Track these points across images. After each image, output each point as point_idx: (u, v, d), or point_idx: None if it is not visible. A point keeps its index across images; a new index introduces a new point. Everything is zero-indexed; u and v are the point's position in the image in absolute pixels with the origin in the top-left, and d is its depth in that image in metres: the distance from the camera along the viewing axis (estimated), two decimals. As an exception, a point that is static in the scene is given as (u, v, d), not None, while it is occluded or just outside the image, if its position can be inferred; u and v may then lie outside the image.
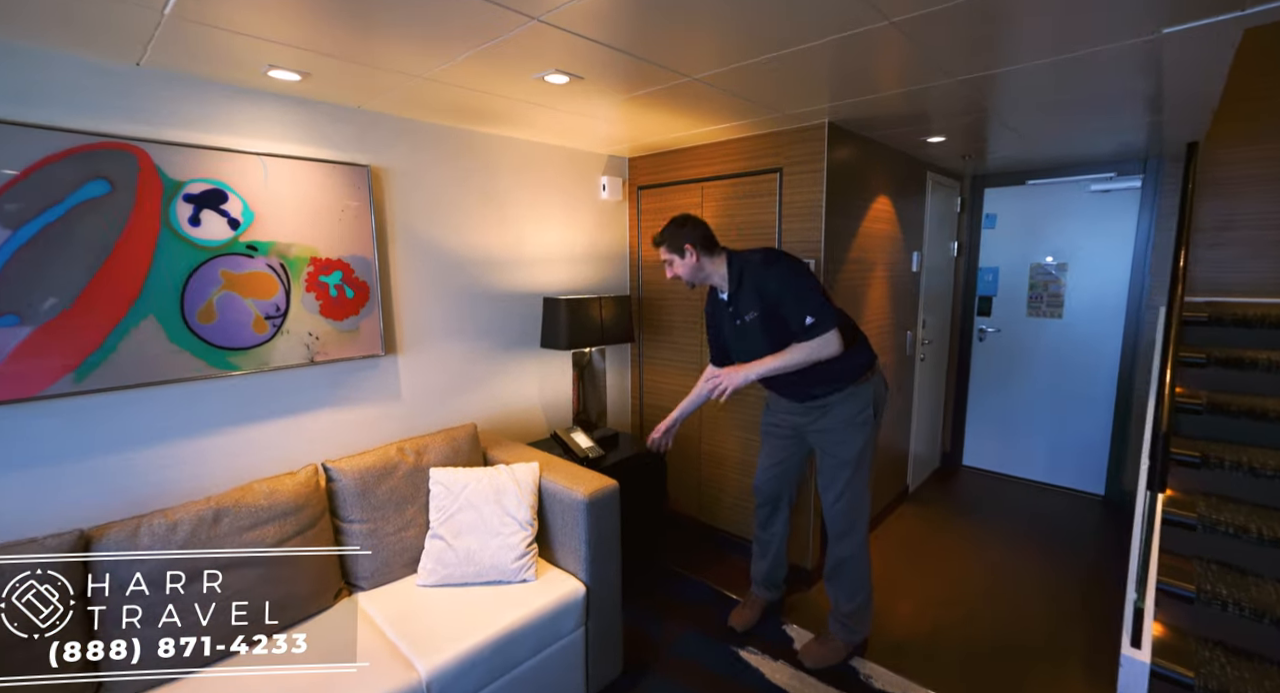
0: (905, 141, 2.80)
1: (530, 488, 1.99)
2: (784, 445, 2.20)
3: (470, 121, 2.30)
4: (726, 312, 2.03)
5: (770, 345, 1.90)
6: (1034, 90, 1.97)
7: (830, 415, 2.01)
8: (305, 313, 1.96)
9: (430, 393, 2.38)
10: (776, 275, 1.87)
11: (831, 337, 1.80)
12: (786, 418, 2.14)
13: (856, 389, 1.98)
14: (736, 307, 1.98)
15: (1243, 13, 1.29)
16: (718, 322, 2.12)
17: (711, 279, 2.01)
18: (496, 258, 2.56)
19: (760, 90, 1.94)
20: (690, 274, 1.97)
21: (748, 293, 1.93)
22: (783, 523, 2.31)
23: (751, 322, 1.94)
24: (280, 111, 1.87)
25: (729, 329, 2.05)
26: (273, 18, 1.32)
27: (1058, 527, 3.21)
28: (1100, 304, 3.42)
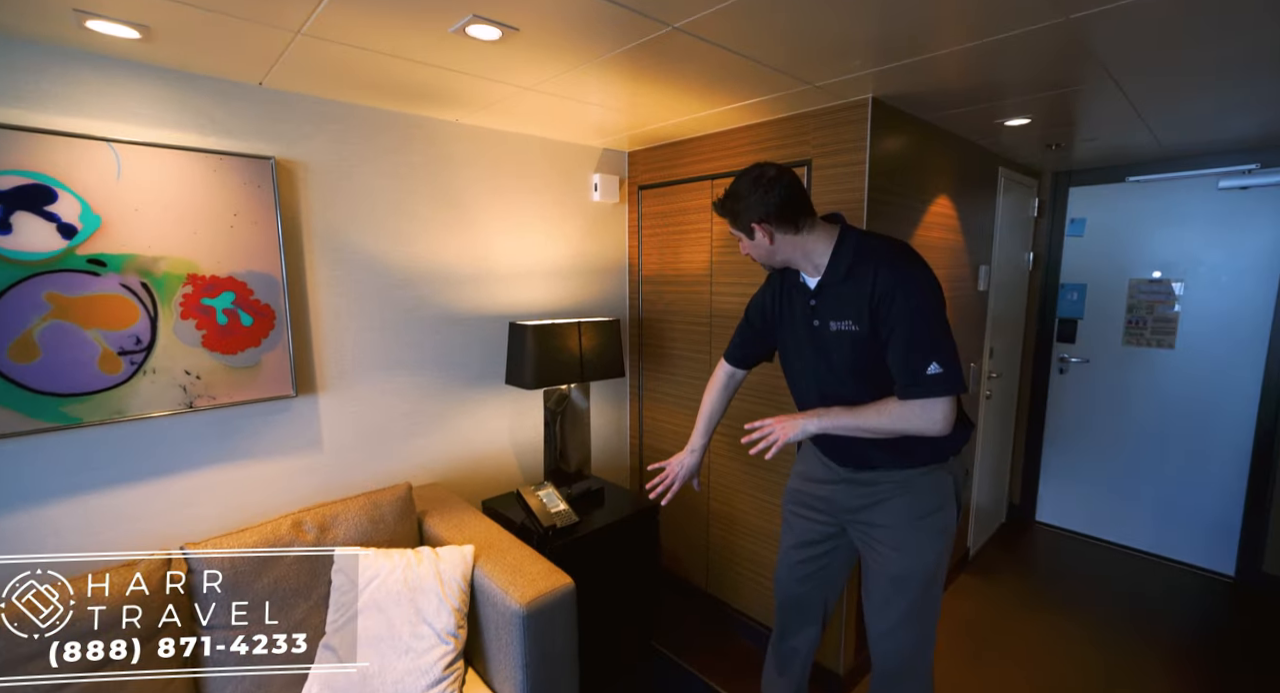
0: (974, 126, 2.20)
1: (458, 584, 1.50)
2: (817, 529, 1.51)
3: (415, 104, 1.84)
4: (801, 306, 1.37)
5: (857, 382, 1.29)
6: (1160, 41, 1.36)
7: (887, 506, 1.36)
8: (180, 346, 1.53)
9: (364, 440, 1.92)
10: (910, 289, 1.20)
11: (947, 408, 1.18)
12: (822, 489, 1.47)
13: (933, 474, 1.33)
14: (823, 304, 1.31)
15: None
16: (774, 314, 1.46)
17: (795, 261, 1.34)
18: (456, 273, 2.09)
19: (772, 48, 1.41)
20: (765, 258, 1.35)
21: (852, 292, 1.26)
22: (812, 638, 1.61)
23: (842, 335, 1.28)
24: (139, 84, 1.44)
25: (796, 332, 1.39)
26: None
27: (1171, 616, 2.50)
28: (1229, 333, 2.69)
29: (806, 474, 1.54)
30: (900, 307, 1.19)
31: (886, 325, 1.21)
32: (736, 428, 2.28)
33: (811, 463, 1.52)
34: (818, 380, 1.37)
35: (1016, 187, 2.94)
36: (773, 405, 2.14)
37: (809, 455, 1.54)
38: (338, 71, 1.52)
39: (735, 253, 2.22)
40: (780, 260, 1.35)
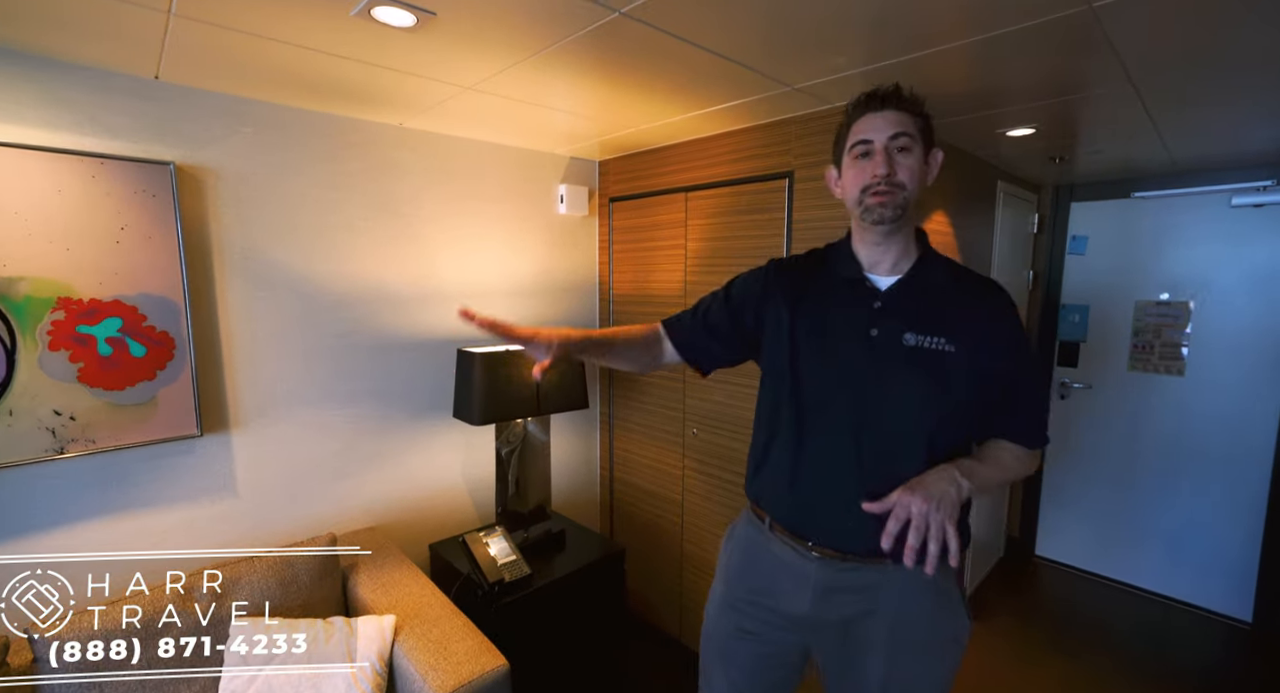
0: (973, 136, 2.01)
1: (372, 666, 1.27)
2: (781, 653, 1.09)
3: (350, 106, 1.63)
4: (852, 308, 1.00)
5: (925, 420, 0.94)
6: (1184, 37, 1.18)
7: (892, 605, 0.98)
8: (47, 381, 1.30)
9: (288, 482, 1.69)
10: (1014, 325, 0.98)
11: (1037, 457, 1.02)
12: (791, 594, 1.02)
13: (949, 572, 1.00)
14: (895, 310, 0.98)
15: None
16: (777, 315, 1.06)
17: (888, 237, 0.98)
18: (399, 293, 1.88)
19: (739, 39, 1.21)
20: (916, 193, 0.96)
21: (950, 305, 0.98)
22: None
23: (926, 354, 0.95)
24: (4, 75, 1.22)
25: (830, 343, 1.00)
26: None
27: (1183, 664, 2.29)
28: (1244, 359, 2.51)
29: (757, 563, 1.08)
30: (1022, 342, 0.98)
31: (1006, 358, 0.95)
32: (714, 459, 2.07)
33: (764, 547, 1.07)
34: (861, 410, 0.96)
35: (1016, 201, 2.75)
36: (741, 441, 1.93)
37: (758, 540, 1.09)
38: (239, 63, 1.31)
39: (712, 272, 2.02)
40: (911, 210, 0.97)
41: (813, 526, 1.01)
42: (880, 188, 0.93)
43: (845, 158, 0.99)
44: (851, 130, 0.98)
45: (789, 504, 1.03)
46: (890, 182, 0.93)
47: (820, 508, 1.00)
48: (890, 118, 0.94)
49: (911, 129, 0.94)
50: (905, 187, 0.93)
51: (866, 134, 0.95)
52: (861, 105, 0.97)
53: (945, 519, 0.86)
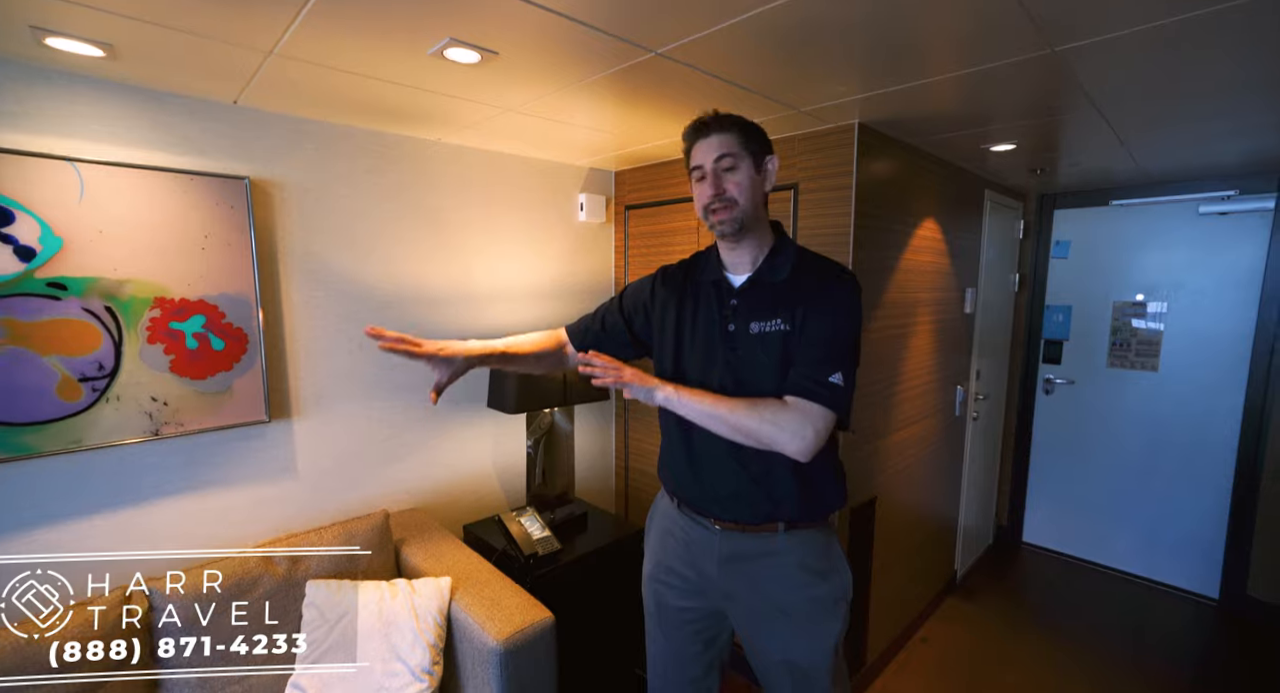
0: (960, 150, 2.20)
1: (434, 619, 1.44)
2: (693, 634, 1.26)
3: (399, 124, 1.81)
4: (714, 307, 1.16)
5: (774, 389, 1.09)
6: (1143, 73, 1.37)
7: (787, 568, 1.13)
8: (147, 371, 1.47)
9: (341, 466, 1.87)
10: (849, 306, 1.10)
11: (822, 425, 1.04)
12: (703, 560, 1.19)
13: (830, 535, 1.18)
14: (746, 304, 1.13)
15: None
16: (660, 317, 1.23)
17: (739, 239, 1.12)
18: (437, 294, 2.05)
19: (756, 73, 1.40)
20: (751, 203, 1.09)
21: (788, 293, 1.11)
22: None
23: (768, 337, 1.10)
24: (106, 103, 1.40)
25: (697, 337, 1.17)
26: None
27: (1157, 639, 2.48)
28: (1211, 356, 2.71)
29: (675, 533, 1.24)
30: (831, 314, 1.08)
31: (810, 326, 1.08)
32: (723, 452, 2.25)
33: (682, 517, 1.22)
34: (719, 379, 1.13)
35: (1002, 209, 2.95)
36: (759, 430, 2.11)
37: (677, 505, 1.24)
38: (315, 91, 1.49)
39: (722, 275, 2.20)
40: (748, 220, 1.09)
41: (712, 502, 1.16)
42: (715, 206, 1.08)
43: (692, 179, 1.13)
44: (689, 158, 1.13)
45: (689, 486, 1.19)
46: (722, 199, 1.07)
47: (714, 486, 1.15)
48: (714, 142, 1.08)
49: (735, 148, 1.07)
50: (737, 201, 1.07)
51: (698, 160, 1.11)
52: (691, 134, 1.12)
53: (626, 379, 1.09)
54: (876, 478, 2.12)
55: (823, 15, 1.08)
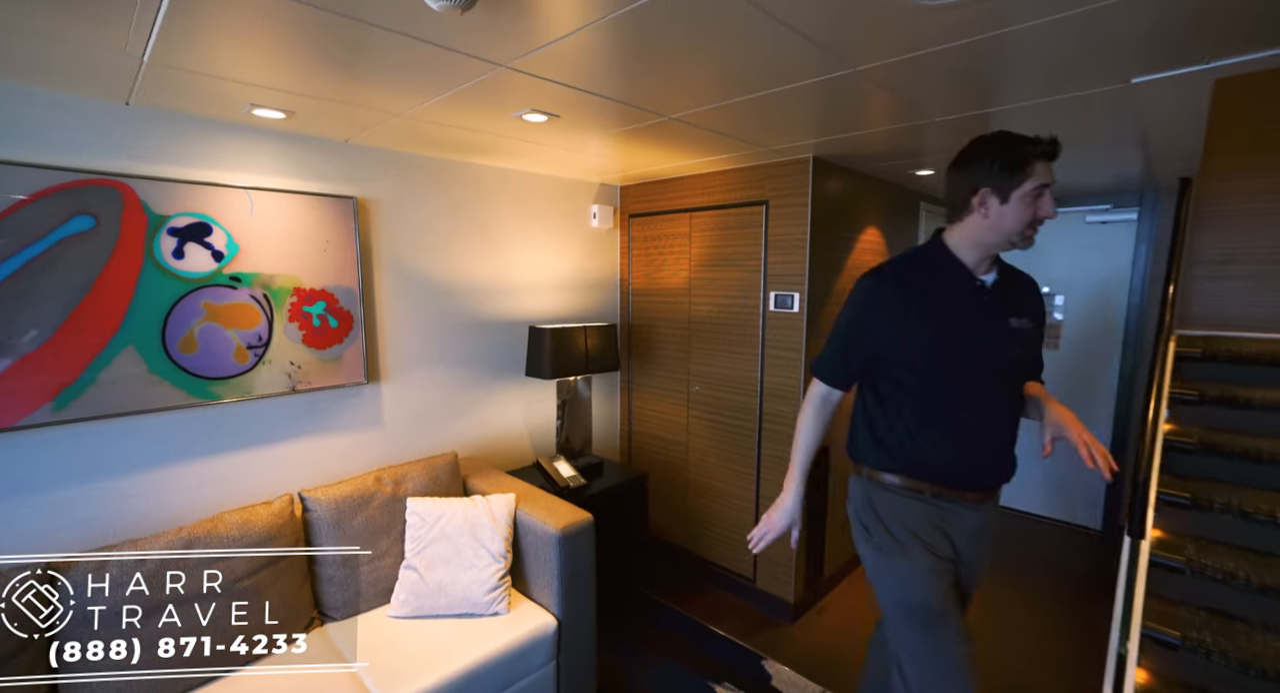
0: (895, 173, 2.81)
1: (505, 520, 1.99)
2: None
3: (460, 154, 2.34)
4: (974, 303, 1.27)
5: (1021, 378, 1.37)
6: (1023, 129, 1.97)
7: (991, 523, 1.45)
8: (288, 342, 1.99)
9: (413, 421, 2.39)
10: (1043, 302, 1.40)
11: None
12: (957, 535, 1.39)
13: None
14: (1001, 301, 1.29)
15: (1207, 65, 1.29)
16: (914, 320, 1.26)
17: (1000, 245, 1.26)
18: (485, 286, 2.58)
19: (742, 128, 1.96)
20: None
21: (1019, 293, 1.34)
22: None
23: (1022, 332, 1.30)
24: (266, 146, 1.91)
25: (961, 332, 1.26)
26: (252, 65, 1.36)
27: (1052, 564, 3.14)
28: (1098, 336, 3.38)
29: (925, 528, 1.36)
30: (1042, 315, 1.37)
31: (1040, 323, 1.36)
32: (714, 408, 2.83)
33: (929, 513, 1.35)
34: (993, 380, 1.27)
35: (937, 217, 3.58)
36: (736, 393, 2.69)
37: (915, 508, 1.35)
38: (414, 135, 2.02)
39: (710, 270, 2.77)
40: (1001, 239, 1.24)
41: (949, 478, 1.31)
42: (1039, 222, 1.22)
43: (1017, 193, 1.17)
44: (1029, 172, 1.16)
45: (941, 469, 1.30)
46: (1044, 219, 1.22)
47: (977, 468, 1.32)
48: (1051, 167, 1.18)
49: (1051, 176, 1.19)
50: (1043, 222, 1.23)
51: (1045, 179, 1.17)
52: (1044, 151, 1.17)
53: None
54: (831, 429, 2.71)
55: (792, 96, 1.65)
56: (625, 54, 1.32)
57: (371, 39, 1.21)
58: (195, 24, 1.14)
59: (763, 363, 2.58)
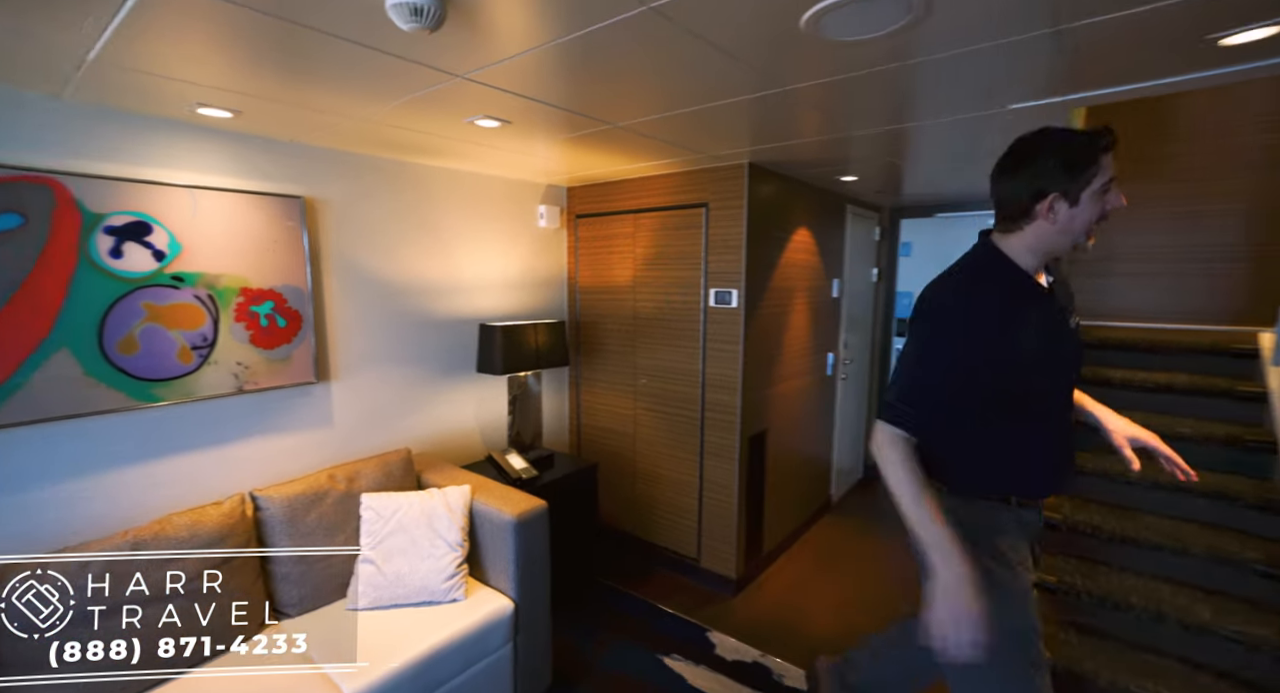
0: (823, 179, 3.04)
1: (461, 510, 2.06)
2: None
3: (411, 155, 2.37)
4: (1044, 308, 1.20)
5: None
6: (925, 143, 2.22)
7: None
8: (234, 343, 1.97)
9: (365, 419, 2.41)
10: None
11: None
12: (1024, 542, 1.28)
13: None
14: (1061, 303, 1.24)
15: (1063, 97, 1.54)
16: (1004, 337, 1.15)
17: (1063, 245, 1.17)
18: (435, 285, 2.62)
19: (684, 136, 2.10)
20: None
21: (1064, 290, 1.29)
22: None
23: (1078, 331, 1.28)
24: (211, 145, 1.89)
25: (1038, 341, 1.17)
26: (201, 66, 1.38)
27: (964, 532, 3.49)
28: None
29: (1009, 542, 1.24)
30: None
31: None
32: (659, 400, 2.97)
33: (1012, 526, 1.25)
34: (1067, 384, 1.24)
35: (862, 219, 3.87)
36: (681, 384, 2.85)
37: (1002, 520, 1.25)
38: (365, 136, 2.04)
39: (654, 269, 2.91)
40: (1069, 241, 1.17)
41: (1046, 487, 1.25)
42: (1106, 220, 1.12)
43: (1087, 193, 1.10)
44: (1096, 168, 1.08)
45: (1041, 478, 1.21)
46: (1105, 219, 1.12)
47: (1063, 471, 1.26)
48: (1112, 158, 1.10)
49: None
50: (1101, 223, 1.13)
51: (1111, 171, 1.08)
52: (1108, 143, 1.09)
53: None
54: (767, 416, 2.93)
55: (730, 109, 1.80)
56: (577, 70, 1.42)
57: (330, 47, 1.27)
58: (148, 25, 1.16)
59: (704, 356, 2.75)
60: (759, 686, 2.15)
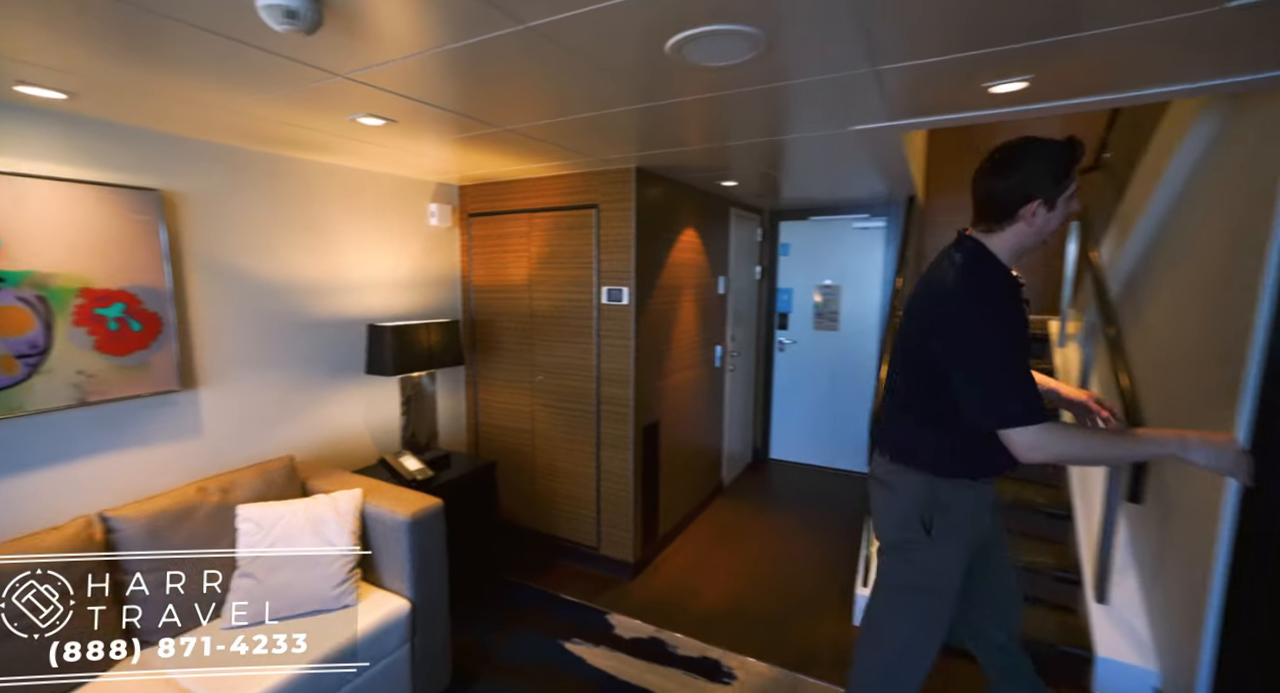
0: (707, 183, 3.25)
1: (352, 514, 2.01)
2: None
3: (290, 149, 2.24)
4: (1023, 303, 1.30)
5: None
6: (792, 154, 2.47)
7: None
8: (74, 349, 1.79)
9: (241, 427, 2.26)
10: None
11: None
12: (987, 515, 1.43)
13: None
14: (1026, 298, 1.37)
15: (892, 123, 1.81)
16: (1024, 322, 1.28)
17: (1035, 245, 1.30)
18: (319, 285, 2.50)
19: (574, 141, 2.18)
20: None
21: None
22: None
23: None
24: (41, 129, 1.70)
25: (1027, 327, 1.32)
26: (17, 39, 1.25)
27: (831, 502, 3.90)
28: (863, 319, 4.23)
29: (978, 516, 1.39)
30: None
31: None
32: (556, 396, 3.04)
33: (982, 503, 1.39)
34: None
35: (745, 220, 4.17)
36: (580, 380, 2.94)
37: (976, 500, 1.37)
38: (235, 128, 1.92)
39: (549, 267, 2.97)
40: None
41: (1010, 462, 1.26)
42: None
43: (1062, 198, 1.22)
44: (1073, 176, 1.21)
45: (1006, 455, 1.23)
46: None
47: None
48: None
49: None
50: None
51: (1077, 180, 1.22)
52: (1080, 154, 1.21)
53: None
54: (659, 407, 3.09)
55: (615, 118, 1.89)
56: (464, 76, 1.46)
57: (193, 38, 1.21)
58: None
59: (599, 351, 2.85)
60: (655, 658, 2.30)
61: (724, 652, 2.34)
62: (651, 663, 2.28)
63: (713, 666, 2.26)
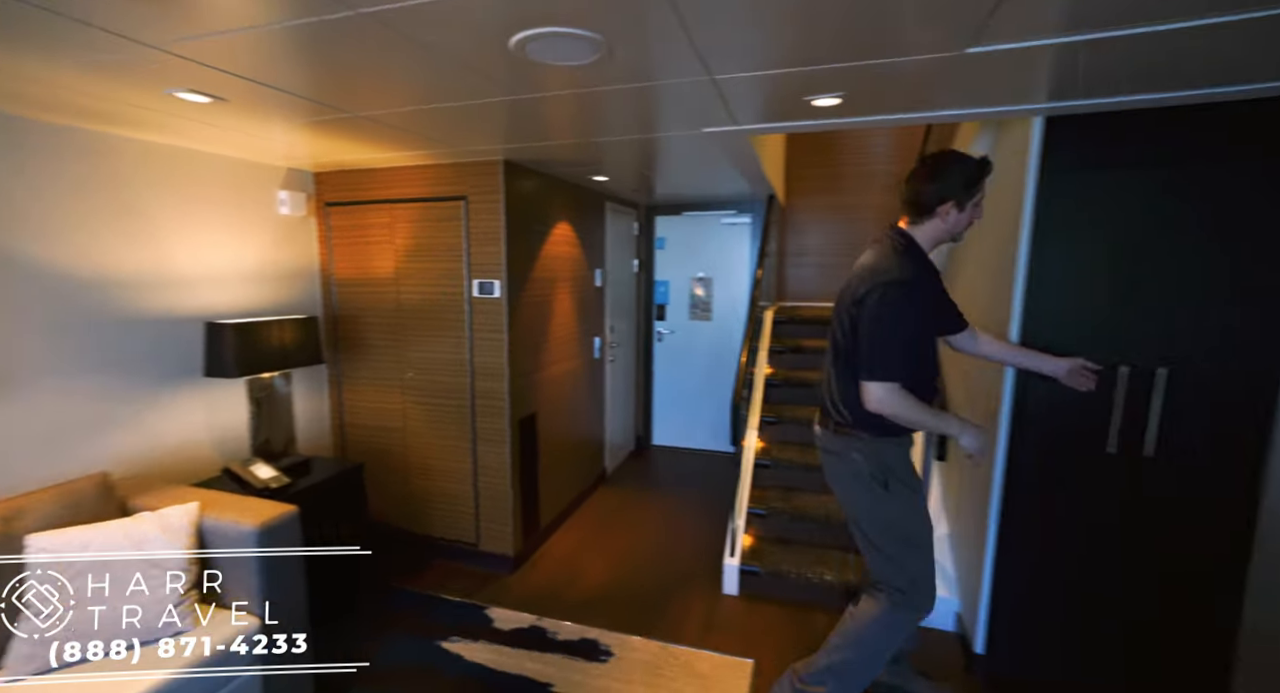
0: (580, 177, 3.30)
1: (186, 531, 1.83)
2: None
3: (94, 123, 1.96)
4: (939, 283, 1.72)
5: None
6: (659, 153, 2.58)
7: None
8: None
9: (34, 443, 1.96)
10: None
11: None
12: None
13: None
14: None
15: (737, 127, 1.97)
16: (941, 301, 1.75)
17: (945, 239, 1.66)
18: (141, 278, 2.22)
19: (435, 130, 2.12)
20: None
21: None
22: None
23: None
24: None
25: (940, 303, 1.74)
26: None
27: (708, 482, 4.15)
28: (733, 309, 4.52)
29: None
30: None
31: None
32: (428, 393, 2.95)
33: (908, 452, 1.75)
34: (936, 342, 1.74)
35: (621, 214, 4.27)
36: (451, 376, 2.88)
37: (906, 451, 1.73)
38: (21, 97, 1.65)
39: (417, 260, 2.87)
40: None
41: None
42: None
43: (970, 203, 1.56)
44: (982, 186, 1.57)
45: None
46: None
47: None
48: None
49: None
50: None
51: (984, 191, 1.58)
52: (989, 170, 1.56)
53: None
54: (536, 399, 3.11)
55: (475, 110, 1.86)
56: (303, 57, 1.38)
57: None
58: None
59: (471, 346, 2.81)
60: (535, 646, 2.34)
61: (602, 631, 2.43)
62: (531, 651, 2.31)
63: (591, 646, 2.34)
